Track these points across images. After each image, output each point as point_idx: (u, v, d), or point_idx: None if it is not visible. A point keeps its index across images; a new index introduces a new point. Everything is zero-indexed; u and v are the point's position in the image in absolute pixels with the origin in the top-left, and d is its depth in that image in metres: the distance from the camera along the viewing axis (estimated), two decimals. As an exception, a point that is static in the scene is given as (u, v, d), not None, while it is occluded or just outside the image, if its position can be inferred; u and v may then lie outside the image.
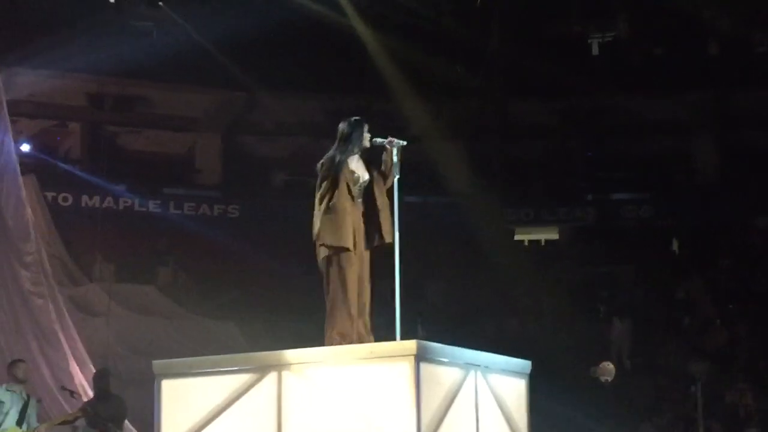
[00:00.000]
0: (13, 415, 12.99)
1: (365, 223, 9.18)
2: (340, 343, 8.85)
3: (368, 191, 9.25)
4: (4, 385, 13.36)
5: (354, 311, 9.01)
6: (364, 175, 9.23)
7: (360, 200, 9.19)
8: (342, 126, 9.35)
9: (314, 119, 28.56)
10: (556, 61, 26.37)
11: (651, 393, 21.57)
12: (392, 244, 9.04)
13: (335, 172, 9.04)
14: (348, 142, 9.22)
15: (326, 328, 9.05)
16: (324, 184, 9.11)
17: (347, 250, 8.99)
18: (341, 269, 9.02)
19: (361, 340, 8.98)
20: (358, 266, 9.11)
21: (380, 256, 9.35)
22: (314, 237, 9.14)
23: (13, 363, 13.93)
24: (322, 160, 9.21)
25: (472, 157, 28.25)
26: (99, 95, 27.60)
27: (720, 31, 27.38)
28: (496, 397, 8.96)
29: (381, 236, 9.13)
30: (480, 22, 26.95)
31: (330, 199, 9.05)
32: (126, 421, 16.60)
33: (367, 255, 9.21)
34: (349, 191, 9.09)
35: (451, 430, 8.30)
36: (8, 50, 20.76)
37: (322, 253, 9.07)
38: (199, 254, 26.38)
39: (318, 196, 9.14)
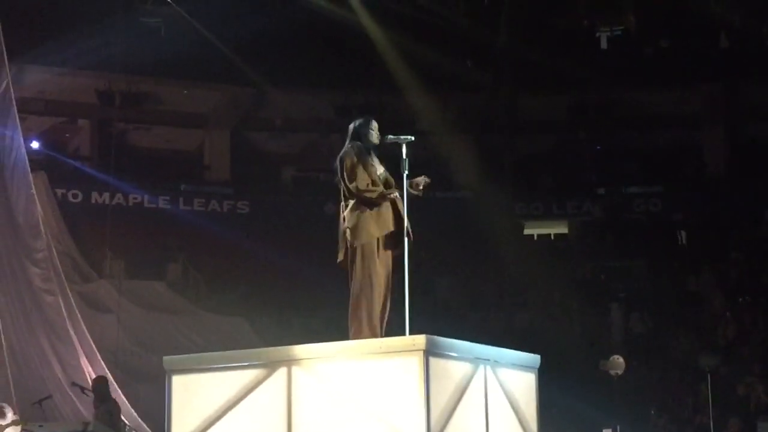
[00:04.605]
0: None
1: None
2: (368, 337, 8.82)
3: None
4: None
5: (378, 308, 9.01)
6: (379, 168, 9.26)
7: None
8: (351, 125, 9.38)
9: (323, 115, 28.57)
10: (564, 55, 26.33)
11: (661, 386, 21.55)
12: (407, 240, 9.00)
13: (363, 163, 9.03)
14: (358, 139, 9.24)
15: (351, 322, 9.03)
16: (350, 177, 9.06)
17: (391, 234, 9.02)
18: (368, 265, 8.99)
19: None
20: (384, 263, 9.10)
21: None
22: (346, 231, 9.07)
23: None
24: (341, 155, 9.18)
25: (481, 152, 28.23)
26: (108, 92, 27.57)
27: (729, 23, 27.32)
28: (506, 391, 8.96)
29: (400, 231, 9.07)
30: (489, 17, 26.94)
31: (362, 191, 9.04)
32: (139, 419, 16.70)
33: (390, 255, 9.19)
34: (373, 183, 9.11)
35: (461, 425, 8.30)
36: (18, 48, 20.76)
37: (360, 240, 8.99)
38: (209, 250, 26.39)
39: (346, 189, 9.11)
